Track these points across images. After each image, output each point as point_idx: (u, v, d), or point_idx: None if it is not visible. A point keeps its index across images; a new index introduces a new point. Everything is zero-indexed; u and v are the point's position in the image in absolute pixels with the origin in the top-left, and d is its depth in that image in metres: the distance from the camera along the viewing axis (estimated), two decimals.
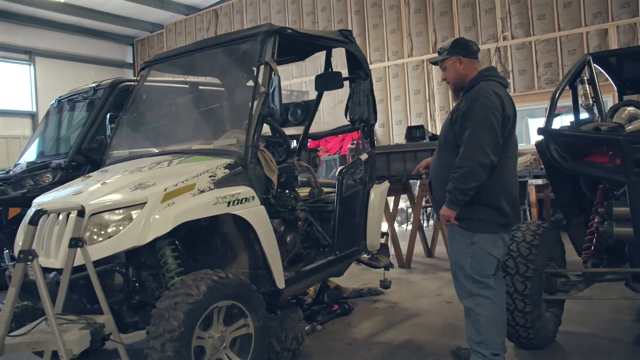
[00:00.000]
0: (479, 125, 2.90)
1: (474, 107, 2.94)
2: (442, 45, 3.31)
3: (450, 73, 3.24)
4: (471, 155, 2.88)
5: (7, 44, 13.83)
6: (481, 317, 3.01)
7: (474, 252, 3.01)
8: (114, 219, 2.94)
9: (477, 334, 3.04)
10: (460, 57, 3.17)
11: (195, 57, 4.18)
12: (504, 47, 9.96)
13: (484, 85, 3.03)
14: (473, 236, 3.02)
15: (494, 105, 2.93)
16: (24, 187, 5.39)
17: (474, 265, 3.02)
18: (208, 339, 2.92)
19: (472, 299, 3.05)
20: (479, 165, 2.87)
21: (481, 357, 3.04)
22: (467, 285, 3.05)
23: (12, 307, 2.28)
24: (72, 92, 6.32)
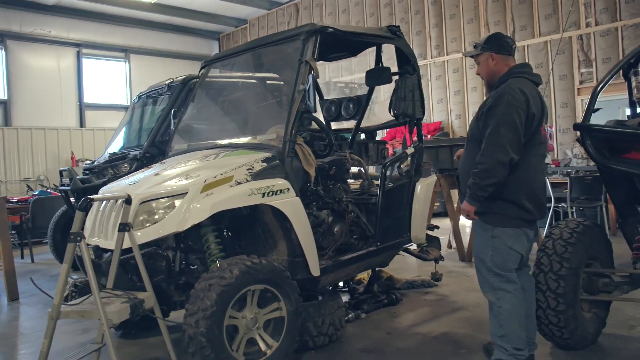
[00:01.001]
0: (501, 122, 2.92)
1: (499, 104, 2.96)
2: (477, 41, 3.33)
3: (482, 69, 3.27)
4: (491, 152, 2.92)
5: (105, 44, 15.05)
6: (503, 311, 3.05)
7: (495, 246, 3.06)
8: (160, 206, 3.26)
9: (500, 327, 3.08)
10: (493, 54, 3.19)
11: (248, 56, 4.44)
12: (587, 34, 9.43)
13: (511, 82, 3.03)
14: (494, 230, 3.06)
15: (519, 103, 2.94)
16: (105, 176, 5.94)
17: (495, 258, 3.06)
18: (241, 319, 3.18)
19: (494, 292, 3.09)
20: (497, 163, 2.90)
21: (503, 351, 3.08)
22: (489, 278, 3.10)
23: (65, 279, 2.64)
24: (150, 88, 6.84)
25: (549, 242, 3.39)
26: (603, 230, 3.64)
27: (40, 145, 13.51)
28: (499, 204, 3.04)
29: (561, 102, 9.78)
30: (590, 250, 3.47)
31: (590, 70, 9.40)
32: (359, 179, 4.85)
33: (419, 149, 4.48)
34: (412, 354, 3.61)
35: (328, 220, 4.05)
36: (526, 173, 3.03)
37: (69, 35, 14.44)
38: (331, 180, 4.18)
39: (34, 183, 12.85)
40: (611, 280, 3.54)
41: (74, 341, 4.21)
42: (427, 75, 11.93)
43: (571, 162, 9.11)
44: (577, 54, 9.56)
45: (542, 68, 9.96)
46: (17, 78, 13.57)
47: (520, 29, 10.27)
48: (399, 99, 4.27)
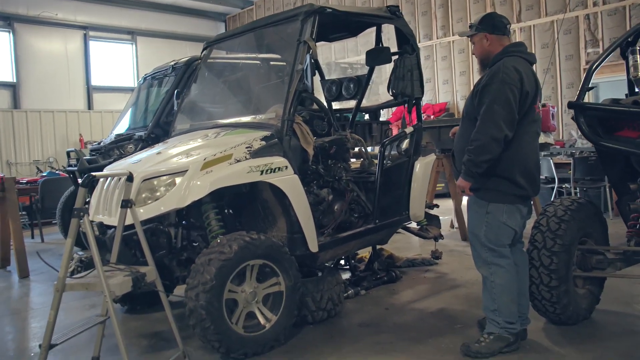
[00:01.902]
0: (496, 100, 2.98)
1: (493, 82, 3.02)
2: (473, 21, 3.37)
3: (477, 48, 3.32)
4: (485, 129, 2.99)
5: (112, 26, 15.08)
6: (496, 286, 3.14)
7: (489, 221, 3.13)
8: (161, 184, 3.35)
9: (492, 302, 3.16)
10: (487, 34, 3.24)
11: (249, 37, 4.49)
12: (594, 14, 9.35)
13: (506, 61, 3.08)
14: (488, 206, 3.13)
15: (512, 81, 2.99)
16: (112, 157, 6.05)
17: (489, 234, 3.14)
18: (241, 293, 3.28)
19: (487, 267, 3.17)
20: (492, 139, 2.97)
21: (495, 325, 3.16)
22: (483, 253, 3.18)
23: (69, 253, 2.74)
24: (155, 69, 6.91)
25: (543, 220, 3.45)
26: (598, 208, 3.69)
27: (49, 128, 13.64)
28: (493, 180, 3.11)
29: (567, 83, 9.74)
30: (584, 228, 3.51)
31: (597, 50, 9.34)
32: (360, 158, 4.91)
33: (418, 128, 4.52)
34: (409, 328, 3.70)
35: (328, 198, 4.12)
36: (519, 150, 3.09)
37: (76, 18, 14.47)
38: (332, 159, 4.25)
39: (43, 165, 13.01)
40: (605, 258, 3.60)
41: (82, 316, 4.35)
42: (433, 56, 11.89)
43: (576, 142, 9.11)
44: (583, 33, 9.49)
45: (548, 48, 9.90)
46: (25, 61, 13.66)
47: (527, 9, 10.19)
48: (398, 79, 4.32)
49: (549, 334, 3.45)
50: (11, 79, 13.54)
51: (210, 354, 3.35)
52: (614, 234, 4.26)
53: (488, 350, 3.12)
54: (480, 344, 3.16)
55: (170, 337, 3.71)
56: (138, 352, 3.52)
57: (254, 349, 3.26)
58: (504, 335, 3.16)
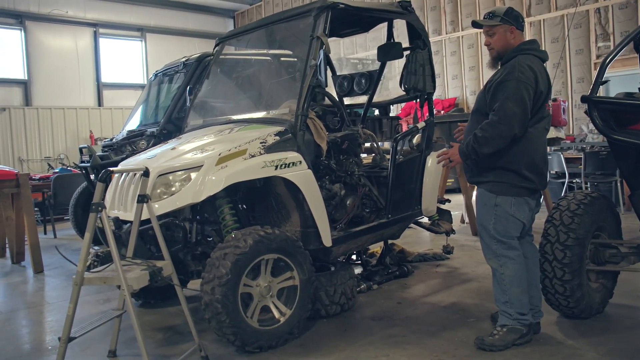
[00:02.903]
0: (510, 97, 3.00)
1: (509, 79, 3.03)
2: (493, 11, 3.30)
3: (498, 41, 3.25)
4: (496, 124, 3.01)
5: (122, 23, 15.16)
6: (505, 277, 3.18)
7: (497, 214, 3.17)
8: (176, 179, 3.38)
9: (503, 294, 3.20)
10: (513, 28, 3.20)
11: (261, 33, 4.51)
12: (604, 7, 9.29)
13: (521, 58, 3.09)
14: (496, 198, 3.17)
15: (528, 80, 3.01)
16: (124, 153, 6.10)
17: (497, 226, 3.18)
18: (256, 287, 3.31)
19: (496, 259, 3.21)
20: (499, 136, 3.02)
21: (507, 316, 3.19)
22: (492, 245, 3.21)
23: (88, 247, 2.78)
24: (166, 66, 6.95)
25: (556, 213, 3.45)
26: (611, 202, 3.68)
27: (59, 125, 13.76)
28: (501, 173, 3.16)
29: (577, 77, 9.69)
30: (597, 221, 3.51)
31: (607, 44, 9.29)
32: (371, 153, 4.93)
33: (429, 123, 4.53)
34: (421, 322, 3.72)
35: (341, 193, 4.14)
36: (527, 144, 3.12)
37: (86, 15, 14.56)
38: (344, 154, 4.26)
39: (54, 161, 13.12)
40: (618, 251, 3.60)
41: (96, 310, 4.41)
42: (442, 51, 11.87)
43: (587, 137, 9.07)
44: (594, 27, 9.43)
45: (558, 42, 9.86)
46: (36, 59, 13.77)
47: (537, 3, 10.14)
48: (410, 74, 4.33)
49: (562, 327, 3.45)
50: (23, 77, 13.65)
51: (225, 347, 3.39)
52: (627, 228, 4.26)
53: (502, 343, 3.14)
54: (494, 336, 3.18)
55: (184, 330, 3.76)
56: (154, 346, 3.56)
57: (269, 342, 3.29)
58: (517, 326, 3.18)
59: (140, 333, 2.75)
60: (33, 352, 3.65)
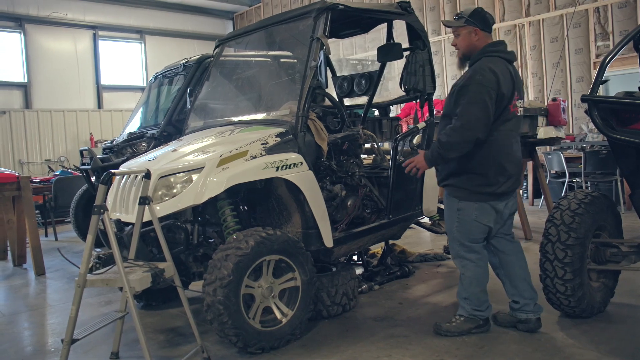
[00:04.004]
0: (472, 101, 3.06)
1: (470, 83, 3.10)
2: (461, 11, 3.37)
3: (463, 41, 3.32)
4: (460, 129, 3.08)
5: (121, 26, 15.18)
6: (465, 278, 3.36)
7: (460, 218, 3.29)
8: (178, 181, 3.39)
9: (464, 291, 3.40)
10: (477, 29, 3.26)
11: (261, 34, 4.52)
12: (604, 7, 9.29)
13: (483, 61, 3.15)
14: (459, 203, 3.26)
15: (489, 83, 3.06)
16: (124, 155, 6.11)
17: (460, 229, 3.30)
18: (257, 288, 3.32)
19: (459, 260, 3.38)
20: (462, 140, 3.08)
21: (464, 310, 3.41)
22: (455, 247, 3.38)
23: (90, 249, 2.79)
24: (166, 68, 6.96)
25: (557, 213, 3.46)
26: (611, 201, 3.69)
27: (59, 127, 13.76)
28: (465, 178, 3.24)
29: (577, 77, 9.70)
30: (598, 221, 3.52)
31: (607, 43, 9.29)
32: (372, 154, 4.94)
33: (430, 123, 4.54)
34: (423, 322, 3.72)
35: (341, 194, 4.14)
36: (493, 147, 3.17)
37: (85, 17, 14.56)
38: (344, 155, 4.27)
39: (54, 164, 13.13)
40: (619, 250, 3.60)
41: (98, 312, 4.42)
42: (442, 52, 11.87)
43: (586, 136, 9.08)
44: (593, 27, 9.44)
45: (557, 42, 9.87)
46: (35, 62, 13.77)
47: (535, 3, 10.15)
48: (410, 74, 4.34)
49: (563, 327, 3.46)
50: (22, 80, 13.66)
51: (227, 349, 3.40)
52: (627, 227, 4.28)
53: (457, 330, 3.35)
54: (451, 323, 3.39)
55: (186, 332, 3.77)
56: (156, 347, 3.57)
57: (271, 343, 3.30)
58: (474, 319, 3.37)
59: (143, 335, 2.75)
60: (35, 354, 3.65)
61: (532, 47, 10.25)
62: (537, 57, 10.20)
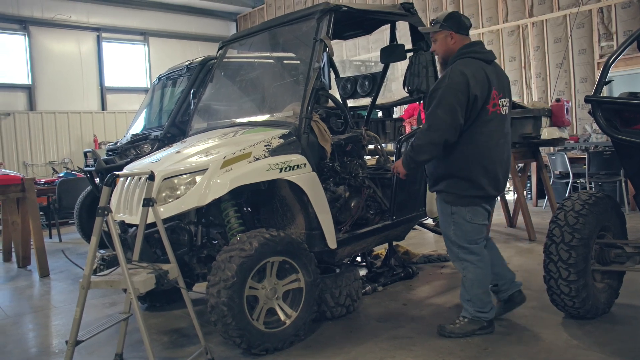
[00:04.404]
0: (439, 105, 3.11)
1: (439, 87, 3.16)
2: (436, 17, 3.40)
3: (440, 46, 3.36)
4: (427, 132, 3.14)
5: (125, 27, 15.21)
6: (467, 280, 3.38)
7: (456, 221, 3.32)
8: (181, 182, 3.40)
9: (466, 293, 3.42)
10: (452, 33, 3.29)
11: (264, 36, 4.53)
12: (607, 7, 9.27)
13: (456, 64, 3.17)
14: (451, 207, 3.30)
15: (457, 85, 3.07)
16: (128, 157, 6.12)
17: (457, 232, 3.33)
18: (261, 289, 3.32)
19: (459, 262, 3.40)
20: (430, 143, 3.13)
21: (467, 312, 3.43)
22: (454, 250, 3.40)
23: (94, 251, 2.79)
24: (170, 70, 6.97)
25: (561, 214, 3.45)
26: (616, 202, 3.68)
27: (63, 129, 13.80)
28: (452, 182, 3.28)
29: (580, 77, 9.68)
30: (602, 222, 3.51)
31: (610, 43, 9.27)
32: (375, 155, 4.94)
33: None
34: (427, 323, 3.72)
35: (345, 195, 4.15)
36: (474, 150, 3.19)
37: (89, 19, 14.60)
38: (348, 156, 4.27)
39: (58, 166, 13.17)
40: (623, 251, 3.59)
41: (102, 314, 4.43)
42: None
43: (590, 137, 9.05)
44: (597, 27, 9.42)
45: (561, 42, 9.85)
46: (40, 64, 13.82)
47: (539, 3, 10.13)
48: (413, 75, 4.34)
49: (567, 328, 3.45)
50: (27, 82, 13.70)
51: (231, 350, 3.40)
52: (631, 227, 4.26)
53: (461, 331, 3.36)
54: (455, 325, 3.40)
55: (190, 333, 3.78)
56: (160, 349, 3.57)
57: (275, 345, 3.30)
58: (477, 321, 3.39)
59: (147, 336, 2.76)
60: (40, 355, 3.66)
61: (536, 47, 10.24)
62: (541, 57, 10.18)
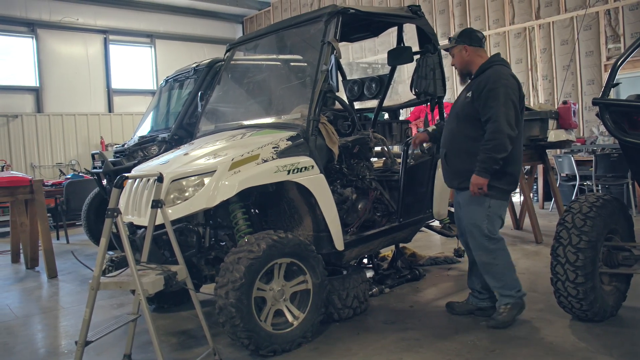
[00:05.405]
0: (504, 103, 3.33)
1: (498, 86, 3.35)
2: (452, 35, 3.73)
3: (457, 60, 3.68)
4: (501, 129, 3.31)
5: (131, 30, 15.29)
6: (499, 267, 3.57)
7: (490, 215, 3.53)
8: (190, 184, 3.42)
9: (497, 280, 3.59)
10: (466, 46, 3.60)
11: (271, 38, 4.55)
12: (614, 9, 9.25)
13: (501, 69, 3.45)
14: (490, 201, 3.51)
15: (513, 86, 3.40)
16: (135, 158, 6.13)
17: (489, 226, 3.54)
18: (269, 291, 3.33)
19: (488, 253, 3.56)
20: (507, 138, 3.32)
21: (509, 298, 3.59)
22: (484, 243, 3.55)
23: (104, 252, 2.81)
24: (177, 72, 7.00)
25: (568, 216, 3.45)
26: (623, 204, 3.68)
27: (71, 131, 13.88)
28: (496, 177, 3.44)
29: (587, 79, 9.65)
30: (610, 224, 3.51)
31: (618, 45, 9.24)
32: (382, 157, 4.95)
33: (440, 127, 4.53)
34: (434, 325, 3.72)
35: (352, 197, 4.16)
36: (517, 147, 3.47)
37: (96, 22, 14.68)
38: (355, 158, 4.28)
39: (66, 167, 13.24)
40: (631, 254, 3.59)
41: (110, 314, 4.45)
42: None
43: (597, 139, 9.03)
44: (604, 29, 9.39)
45: (568, 45, 9.83)
46: (47, 66, 13.90)
47: (546, 6, 10.11)
48: (420, 78, 4.35)
49: (575, 330, 3.45)
50: (34, 84, 13.79)
51: (239, 351, 3.41)
52: (639, 230, 4.25)
53: (510, 318, 3.56)
54: (502, 315, 3.57)
55: (198, 334, 3.79)
56: (168, 350, 3.59)
57: (283, 346, 3.31)
58: (519, 302, 3.61)
59: (156, 337, 2.77)
60: (49, 356, 3.69)
61: (543, 49, 10.22)
62: (548, 59, 10.16)
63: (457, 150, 3.60)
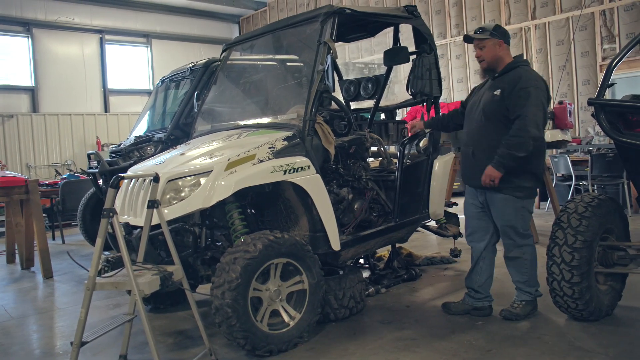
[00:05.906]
0: (534, 103, 3.37)
1: (528, 86, 3.40)
2: (483, 26, 3.68)
3: (488, 53, 3.62)
4: (527, 128, 3.36)
5: (128, 30, 15.27)
6: (527, 262, 3.68)
7: (523, 215, 3.64)
8: (186, 184, 3.41)
9: (521, 275, 3.71)
10: (502, 42, 3.59)
11: (268, 38, 4.54)
12: (610, 9, 9.28)
13: (529, 69, 3.52)
14: (523, 201, 3.62)
15: (542, 87, 3.45)
16: (132, 159, 6.13)
17: (523, 224, 3.65)
18: (265, 291, 3.33)
19: (519, 249, 3.68)
20: (531, 138, 3.37)
21: (527, 294, 3.72)
22: (517, 240, 3.65)
23: (100, 252, 2.80)
24: (173, 72, 6.99)
25: (564, 216, 3.46)
26: (619, 204, 3.69)
27: (66, 131, 13.86)
28: (526, 177, 3.56)
29: (583, 80, 9.69)
30: (605, 224, 3.52)
31: (613, 46, 9.27)
32: (378, 157, 4.95)
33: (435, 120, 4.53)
34: (430, 325, 3.73)
35: (348, 197, 4.16)
36: (542, 147, 3.54)
37: (92, 22, 14.66)
38: (351, 158, 4.29)
39: (61, 167, 13.21)
40: (626, 254, 3.60)
41: (106, 315, 4.44)
42: (447, 55, 11.88)
43: (593, 139, 9.06)
44: (599, 29, 9.43)
45: (563, 45, 9.86)
46: (43, 65, 13.87)
47: (542, 6, 10.14)
48: (416, 78, 4.35)
49: (571, 330, 3.45)
50: (30, 84, 13.76)
51: (235, 352, 3.41)
52: (634, 230, 4.27)
53: (524, 313, 3.68)
54: (516, 309, 3.69)
55: (194, 335, 3.79)
56: (164, 350, 3.58)
57: (279, 346, 3.31)
58: (534, 301, 3.73)
59: (152, 337, 2.76)
60: (45, 356, 3.68)
61: (538, 50, 10.24)
62: (543, 60, 10.18)
63: (486, 148, 3.56)
